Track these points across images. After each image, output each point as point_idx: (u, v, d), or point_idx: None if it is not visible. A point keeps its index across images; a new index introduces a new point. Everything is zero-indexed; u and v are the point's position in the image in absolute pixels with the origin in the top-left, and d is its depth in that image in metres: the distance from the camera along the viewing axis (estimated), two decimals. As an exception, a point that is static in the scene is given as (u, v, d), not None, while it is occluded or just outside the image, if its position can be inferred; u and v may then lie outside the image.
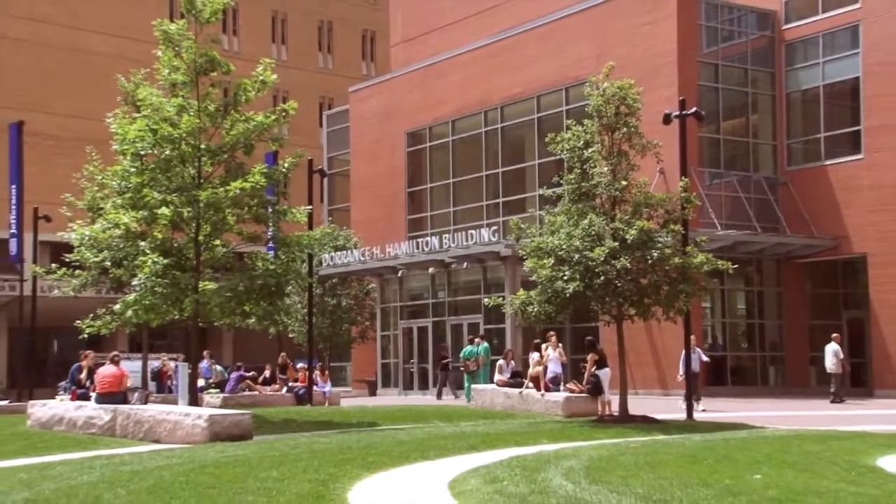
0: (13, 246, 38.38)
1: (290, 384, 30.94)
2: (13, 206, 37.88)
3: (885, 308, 32.38)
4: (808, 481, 11.42)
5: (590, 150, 21.77)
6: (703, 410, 24.54)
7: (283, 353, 33.62)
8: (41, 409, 22.36)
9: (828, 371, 29.45)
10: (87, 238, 22.06)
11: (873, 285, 32.94)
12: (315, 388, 30.42)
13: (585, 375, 22.99)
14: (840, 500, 9.98)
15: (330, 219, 47.35)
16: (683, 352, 25.04)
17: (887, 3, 32.83)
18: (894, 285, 32.20)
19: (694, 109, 24.74)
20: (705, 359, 27.60)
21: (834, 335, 30.07)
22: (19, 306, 37.56)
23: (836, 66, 34.80)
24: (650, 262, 20.84)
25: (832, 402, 28.57)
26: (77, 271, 23.47)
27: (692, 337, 26.36)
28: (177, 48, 21.90)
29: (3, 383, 43.33)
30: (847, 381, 31.18)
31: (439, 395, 33.90)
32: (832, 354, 29.18)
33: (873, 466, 13.10)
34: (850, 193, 33.53)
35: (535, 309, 21.71)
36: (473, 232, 36.27)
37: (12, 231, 38.07)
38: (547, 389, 23.76)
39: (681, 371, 25.31)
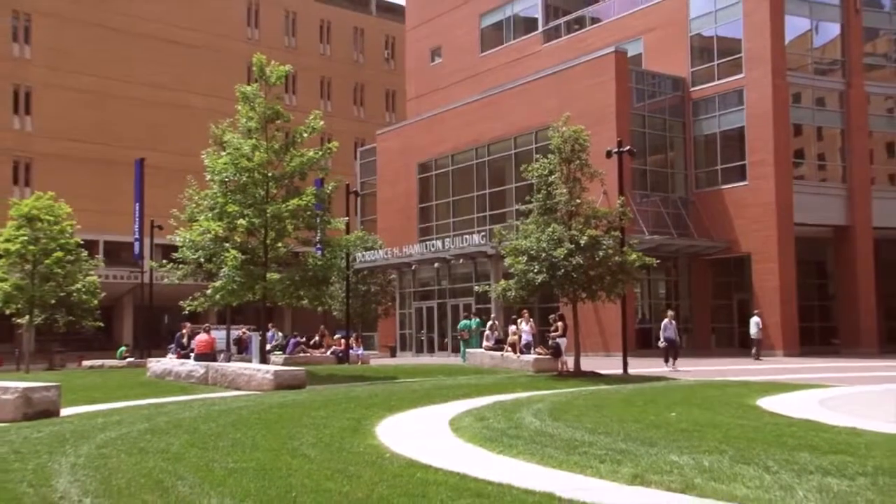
0: (136, 247, 38.68)
1: (333, 348, 30.92)
2: (136, 219, 38.07)
3: (763, 292, 32.50)
4: (708, 417, 11.43)
5: (553, 177, 21.77)
6: (672, 369, 23.31)
7: (322, 327, 33.54)
8: (156, 365, 22.44)
9: (751, 336, 29.38)
10: (187, 241, 22.07)
11: (755, 275, 33.05)
12: (351, 351, 30.41)
13: (550, 341, 23.01)
14: (730, 430, 9.98)
15: (361, 227, 47.27)
16: (663, 323, 24.71)
17: (762, 75, 33.02)
18: (769, 275, 32.40)
19: (628, 148, 24.73)
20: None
21: (757, 311, 30.09)
22: (141, 291, 37.73)
23: (728, 118, 34.79)
24: (597, 259, 20.83)
25: (755, 359, 28.38)
26: (180, 265, 23.42)
27: (671, 312, 26.01)
28: (252, 104, 21.93)
29: (130, 346, 43.37)
30: (736, 344, 31.19)
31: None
32: (755, 325, 29.14)
33: (754, 406, 13.11)
34: (739, 209, 33.57)
35: (513, 293, 21.71)
36: (467, 237, 36.28)
37: (136, 236, 38.30)
38: (521, 352, 23.74)
39: (661, 337, 24.90)
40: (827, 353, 32.61)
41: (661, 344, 25.06)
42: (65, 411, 13.16)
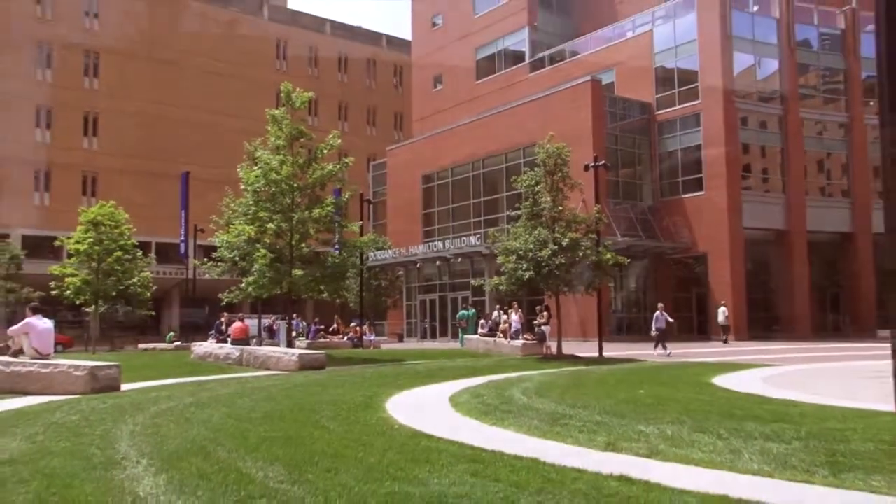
0: (182, 248, 38.74)
1: (349, 335, 30.87)
2: (182, 223, 38.17)
3: (717, 286, 32.58)
4: (671, 393, 11.43)
5: (538, 187, 21.81)
6: (668, 354, 21.74)
7: (336, 317, 33.52)
8: (199, 348, 22.47)
9: (719, 324, 29.39)
10: (225, 242, 22.08)
11: (711, 272, 33.13)
12: (364, 337, 30.40)
13: (535, 329, 22.99)
14: (690, 403, 9.98)
15: (373, 230, 47.18)
16: (655, 314, 24.18)
17: (715, 102, 33.10)
18: (723, 272, 32.53)
19: (603, 162, 24.74)
20: (670, 319, 24.14)
21: (723, 301, 30.11)
22: (186, 285, 37.73)
23: (687, 137, 34.82)
24: (577, 259, 20.84)
25: (724, 342, 28.35)
26: (219, 263, 23.45)
27: (661, 304, 25.55)
28: (279, 125, 21.93)
29: (177, 332, 43.38)
30: (706, 331, 31.14)
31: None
32: (722, 314, 29.19)
33: (710, 383, 13.11)
34: (697, 215, 33.59)
35: (504, 288, 21.77)
36: (465, 238, 36.28)
37: (181, 238, 38.35)
38: (511, 338, 23.74)
39: (654, 328, 23.63)
40: (769, 338, 32.59)
41: (654, 332, 23.94)
42: (124, 387, 13.19)
